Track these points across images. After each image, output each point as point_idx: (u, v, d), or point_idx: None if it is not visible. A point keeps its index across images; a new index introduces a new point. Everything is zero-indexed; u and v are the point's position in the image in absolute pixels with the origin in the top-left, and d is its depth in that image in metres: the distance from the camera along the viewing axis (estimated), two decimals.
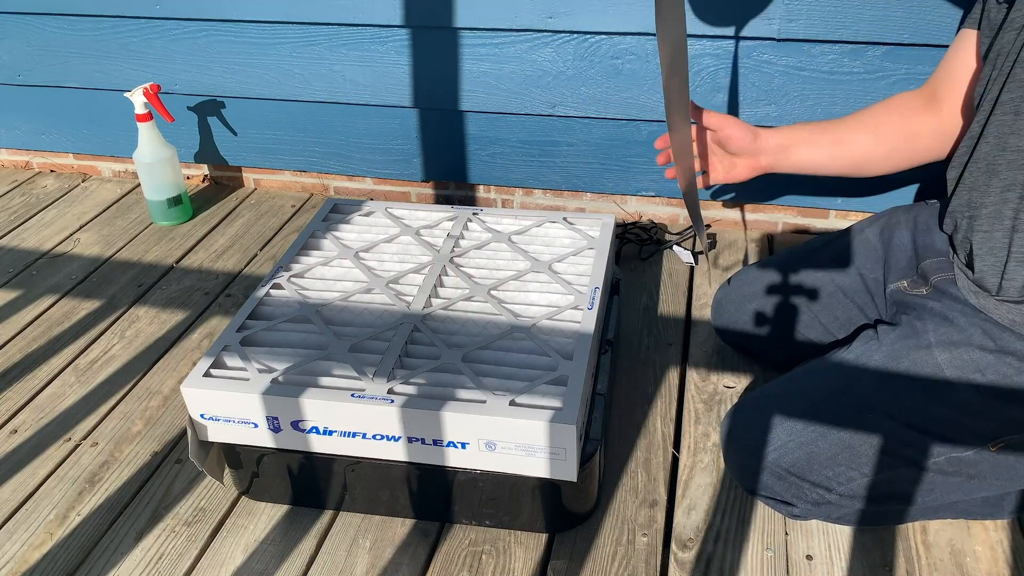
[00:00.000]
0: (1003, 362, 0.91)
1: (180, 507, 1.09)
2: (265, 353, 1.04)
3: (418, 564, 1.00)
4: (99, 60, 1.77)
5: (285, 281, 1.17)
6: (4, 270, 1.62)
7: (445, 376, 0.99)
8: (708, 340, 1.35)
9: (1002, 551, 0.99)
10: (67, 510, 1.09)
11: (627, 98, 1.55)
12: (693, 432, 1.18)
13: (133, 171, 1.94)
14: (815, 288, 1.18)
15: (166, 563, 1.01)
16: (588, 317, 1.08)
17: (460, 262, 1.21)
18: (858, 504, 0.97)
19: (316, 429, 0.98)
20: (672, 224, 1.71)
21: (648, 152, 1.61)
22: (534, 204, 1.76)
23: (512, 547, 1.02)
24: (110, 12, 1.70)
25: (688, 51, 1.45)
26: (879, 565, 0.98)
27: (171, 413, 1.25)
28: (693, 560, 0.99)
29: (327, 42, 1.63)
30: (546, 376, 0.98)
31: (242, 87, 1.74)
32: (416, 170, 1.76)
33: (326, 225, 1.31)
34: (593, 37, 1.51)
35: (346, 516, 1.07)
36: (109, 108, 1.82)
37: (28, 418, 1.25)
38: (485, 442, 0.94)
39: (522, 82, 1.58)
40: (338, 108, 1.71)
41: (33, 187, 1.95)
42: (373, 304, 1.12)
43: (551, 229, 1.29)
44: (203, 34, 1.69)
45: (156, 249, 1.68)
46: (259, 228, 1.75)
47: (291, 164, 1.84)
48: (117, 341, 1.41)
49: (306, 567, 1.00)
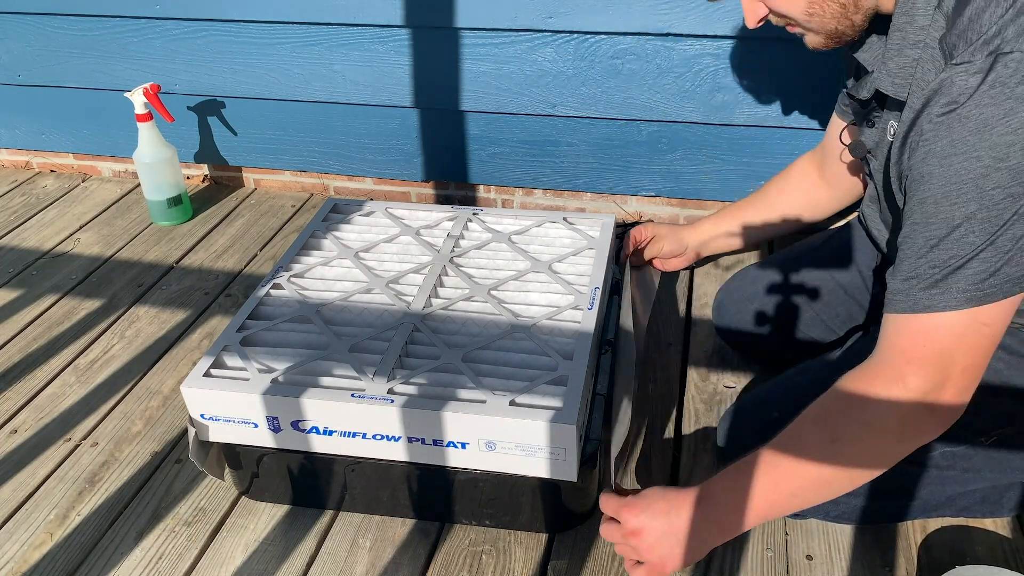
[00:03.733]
0: (995, 357, 0.92)
1: (180, 507, 1.09)
2: (265, 353, 1.04)
3: (418, 564, 1.00)
4: (99, 60, 1.77)
5: (285, 281, 1.17)
6: (4, 270, 1.62)
7: (445, 376, 0.99)
8: (708, 340, 1.35)
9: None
10: (67, 510, 1.09)
11: (627, 98, 1.55)
12: (693, 432, 1.18)
13: (133, 171, 1.94)
14: (816, 287, 1.18)
15: (166, 563, 1.01)
16: (588, 317, 1.08)
17: (460, 262, 1.21)
18: (855, 501, 0.98)
19: (316, 429, 0.98)
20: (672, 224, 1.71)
21: (648, 152, 1.61)
22: (534, 204, 1.76)
23: (512, 547, 1.02)
24: (110, 12, 1.70)
25: None
26: (879, 565, 0.98)
27: (171, 413, 1.25)
28: None
29: (327, 42, 1.63)
30: (546, 376, 0.98)
31: (242, 87, 1.74)
32: (416, 170, 1.76)
33: (326, 225, 1.31)
34: (593, 37, 1.51)
35: (346, 516, 1.07)
36: (109, 108, 1.82)
37: (28, 418, 1.25)
38: (485, 442, 0.94)
39: (522, 82, 1.58)
40: (338, 108, 1.71)
41: (33, 187, 1.95)
42: (373, 304, 1.12)
43: (551, 229, 1.29)
44: (203, 34, 1.69)
45: (156, 249, 1.68)
46: (259, 228, 1.75)
47: (291, 164, 1.84)
48: (117, 341, 1.41)
49: (306, 567, 1.00)
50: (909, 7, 0.80)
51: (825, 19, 0.84)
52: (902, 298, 0.79)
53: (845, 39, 0.87)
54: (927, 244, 0.77)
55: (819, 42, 0.88)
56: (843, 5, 0.83)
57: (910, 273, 0.78)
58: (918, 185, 0.77)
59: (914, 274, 0.78)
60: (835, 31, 0.85)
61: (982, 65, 0.71)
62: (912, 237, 0.78)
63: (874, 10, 0.84)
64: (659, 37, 1.47)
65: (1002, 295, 0.76)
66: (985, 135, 0.71)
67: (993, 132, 0.71)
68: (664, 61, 1.49)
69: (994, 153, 0.71)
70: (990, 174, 0.72)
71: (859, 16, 0.84)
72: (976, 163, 0.72)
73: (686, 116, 1.55)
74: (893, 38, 0.82)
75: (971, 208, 0.74)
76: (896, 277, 0.80)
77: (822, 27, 0.85)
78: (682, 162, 1.61)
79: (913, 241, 0.78)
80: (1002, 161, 0.71)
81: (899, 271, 0.80)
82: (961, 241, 0.75)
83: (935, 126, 0.74)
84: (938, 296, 0.76)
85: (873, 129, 0.95)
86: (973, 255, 0.75)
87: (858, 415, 0.81)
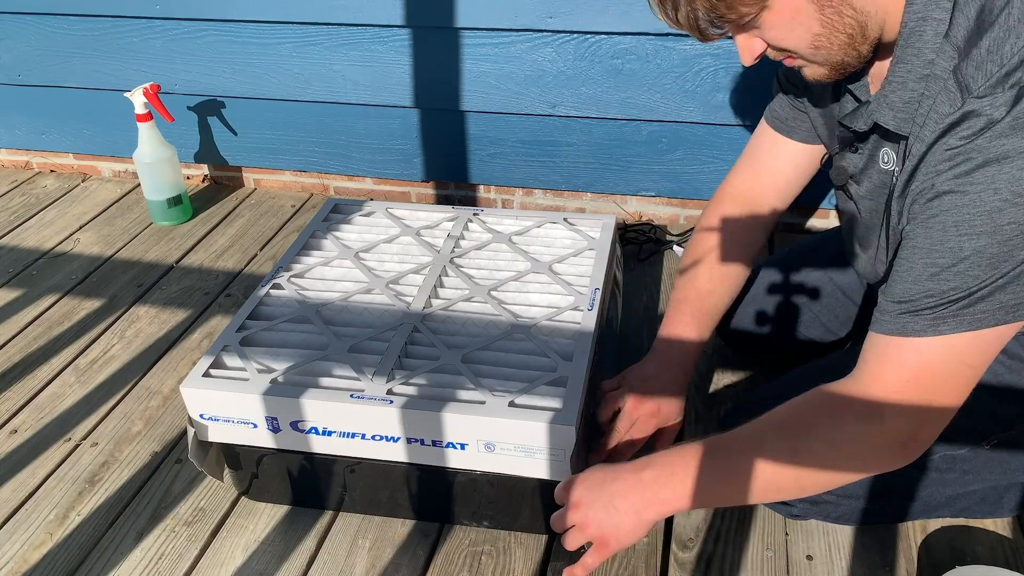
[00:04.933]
0: (996, 360, 0.92)
1: (180, 507, 1.09)
2: (265, 353, 1.04)
3: (418, 564, 1.00)
4: (99, 60, 1.77)
5: (285, 281, 1.17)
6: (4, 270, 1.62)
7: (444, 377, 0.99)
8: (708, 340, 1.35)
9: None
10: (67, 510, 1.09)
11: (627, 98, 1.55)
12: (693, 432, 1.17)
13: (133, 171, 1.94)
14: (815, 287, 1.18)
15: (166, 563, 1.01)
16: (588, 318, 1.08)
17: (460, 262, 1.21)
18: (855, 503, 0.98)
19: (315, 429, 0.98)
20: (672, 224, 1.71)
21: (648, 152, 1.61)
22: (534, 204, 1.76)
23: (512, 548, 1.02)
24: (110, 12, 1.70)
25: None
26: (879, 565, 0.98)
27: (171, 413, 1.25)
28: (693, 560, 0.99)
29: (327, 42, 1.63)
30: (546, 377, 0.98)
31: (242, 87, 1.74)
32: (416, 170, 1.76)
33: (326, 225, 1.31)
34: (593, 37, 1.51)
35: (346, 516, 1.07)
36: (109, 108, 1.82)
37: (28, 418, 1.25)
38: (484, 443, 0.94)
39: (522, 82, 1.58)
40: (338, 108, 1.71)
41: (33, 187, 1.95)
42: (373, 304, 1.12)
43: (551, 230, 1.29)
44: (203, 34, 1.69)
45: (156, 249, 1.68)
46: (259, 228, 1.75)
47: (291, 164, 1.84)
48: (117, 341, 1.41)
49: (306, 567, 1.00)
50: (915, 39, 0.76)
51: (832, 51, 0.79)
52: (890, 319, 0.77)
53: (849, 70, 0.82)
54: (927, 271, 0.74)
55: (822, 74, 0.83)
56: (850, 36, 0.77)
57: (903, 296, 0.76)
58: (926, 211, 0.74)
59: (907, 298, 0.76)
60: (841, 63, 0.81)
61: (1006, 98, 0.69)
62: (911, 260, 0.76)
63: (878, 39, 0.80)
64: (659, 37, 1.47)
65: (993, 322, 0.74)
66: (1005, 168, 0.69)
67: (1013, 165, 0.69)
68: (664, 61, 1.49)
69: (1013, 187, 0.69)
70: (1006, 208, 0.70)
71: (866, 46, 0.79)
72: (993, 195, 0.70)
73: (686, 116, 1.55)
74: (897, 71, 0.78)
75: (982, 242, 0.71)
76: (888, 297, 0.78)
77: (828, 60, 0.80)
78: (682, 162, 1.61)
79: (912, 265, 0.75)
80: (1020, 196, 0.69)
81: (892, 292, 0.77)
82: (965, 274, 0.72)
83: (952, 155, 0.72)
84: (928, 323, 0.75)
85: (857, 155, 0.91)
86: (975, 290, 0.73)
87: (826, 434, 0.79)
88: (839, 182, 0.95)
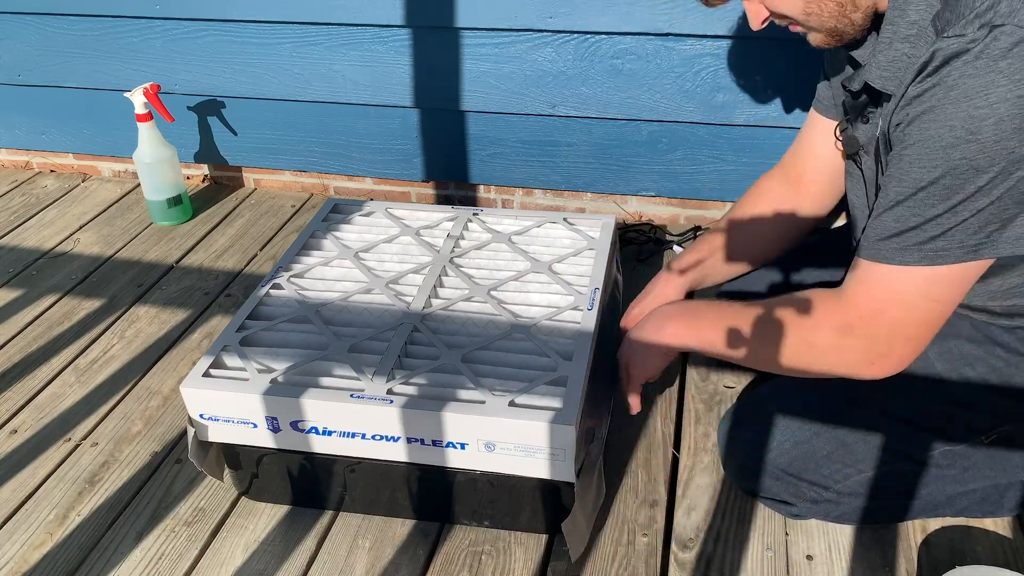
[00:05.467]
0: (992, 355, 0.93)
1: (180, 507, 1.09)
2: (265, 353, 1.04)
3: (418, 564, 1.00)
4: (99, 60, 1.77)
5: (285, 281, 1.17)
6: (4, 270, 1.62)
7: (444, 376, 0.99)
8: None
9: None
10: (67, 510, 1.09)
11: (627, 98, 1.55)
12: (693, 432, 1.17)
13: (133, 171, 1.94)
14: (816, 287, 1.18)
15: (166, 563, 1.01)
16: (588, 318, 1.08)
17: (460, 262, 1.21)
18: (856, 501, 0.98)
19: (315, 429, 0.98)
20: (672, 224, 1.71)
21: (648, 152, 1.61)
22: (534, 204, 1.76)
23: (512, 547, 1.02)
24: (110, 12, 1.70)
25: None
26: (879, 565, 0.98)
27: (171, 413, 1.25)
28: (693, 560, 0.99)
29: (327, 42, 1.63)
30: (545, 377, 0.98)
31: (242, 87, 1.74)
32: (416, 170, 1.76)
33: (326, 225, 1.31)
34: (593, 37, 1.51)
35: (346, 516, 1.07)
36: (109, 108, 1.82)
37: (28, 418, 1.25)
38: (484, 443, 0.94)
39: (522, 82, 1.58)
40: (338, 108, 1.71)
41: (33, 187, 1.95)
42: (373, 304, 1.12)
43: (551, 230, 1.29)
44: (203, 34, 1.69)
45: (156, 249, 1.68)
46: (259, 228, 1.75)
47: (291, 164, 1.84)
48: (117, 341, 1.41)
49: (306, 567, 1.00)
50: (903, 2, 0.81)
51: (823, 17, 0.85)
52: (867, 244, 0.84)
53: (847, 37, 0.88)
54: (894, 199, 0.81)
55: (821, 40, 0.89)
56: (840, 4, 0.84)
57: (877, 224, 0.83)
58: (899, 144, 0.81)
59: (880, 225, 0.83)
60: (835, 29, 0.87)
61: (973, 37, 0.73)
62: (885, 189, 0.83)
63: (873, 9, 0.85)
64: (659, 37, 1.47)
65: (953, 259, 0.79)
66: (962, 105, 0.73)
67: (970, 103, 0.73)
68: (664, 61, 1.49)
69: (967, 125, 0.73)
70: (959, 145, 0.75)
71: (858, 15, 0.85)
72: (948, 132, 0.75)
73: (686, 116, 1.55)
74: (884, 32, 0.84)
75: (936, 174, 0.77)
76: (870, 226, 0.85)
77: (821, 25, 0.86)
78: (682, 162, 1.61)
79: (885, 193, 0.83)
80: (973, 134, 0.73)
81: (872, 221, 0.85)
82: (923, 203, 0.79)
83: (919, 90, 0.77)
84: (895, 250, 0.81)
85: (867, 125, 0.95)
86: (932, 218, 0.78)
87: (805, 334, 0.89)
88: (851, 149, 0.99)
